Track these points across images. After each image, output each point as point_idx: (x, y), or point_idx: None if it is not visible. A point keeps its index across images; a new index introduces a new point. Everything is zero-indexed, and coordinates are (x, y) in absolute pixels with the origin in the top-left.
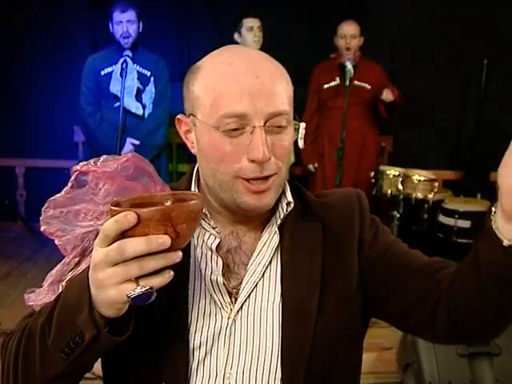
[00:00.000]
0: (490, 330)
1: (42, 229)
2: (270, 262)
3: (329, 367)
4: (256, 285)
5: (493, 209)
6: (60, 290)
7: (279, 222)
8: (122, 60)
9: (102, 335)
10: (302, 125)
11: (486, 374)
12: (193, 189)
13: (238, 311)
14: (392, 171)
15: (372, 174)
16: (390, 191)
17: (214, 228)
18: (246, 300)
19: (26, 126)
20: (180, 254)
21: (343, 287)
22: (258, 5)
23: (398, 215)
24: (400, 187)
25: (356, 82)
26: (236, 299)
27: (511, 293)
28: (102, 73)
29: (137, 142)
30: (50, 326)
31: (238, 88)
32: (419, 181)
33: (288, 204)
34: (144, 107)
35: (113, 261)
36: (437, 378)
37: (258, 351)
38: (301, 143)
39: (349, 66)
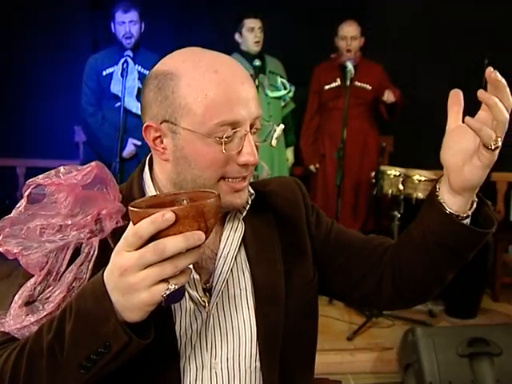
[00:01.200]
0: (429, 293)
1: (1, 249)
2: (236, 253)
3: (298, 341)
4: (227, 277)
5: (437, 185)
6: (41, 310)
7: (244, 212)
8: (122, 60)
9: (133, 341)
10: (281, 126)
11: (487, 374)
12: (153, 192)
13: (214, 305)
14: (393, 171)
15: (373, 174)
16: (390, 191)
17: None
18: (220, 293)
19: (26, 126)
20: (203, 249)
21: (303, 268)
22: (258, 5)
23: (399, 215)
24: (401, 187)
25: (357, 83)
26: (210, 293)
27: (453, 258)
28: (104, 73)
29: (139, 143)
30: (62, 343)
31: (230, 96)
32: (420, 181)
33: (250, 195)
34: None
35: (148, 262)
36: (437, 378)
37: (239, 338)
38: (274, 142)
39: (349, 66)
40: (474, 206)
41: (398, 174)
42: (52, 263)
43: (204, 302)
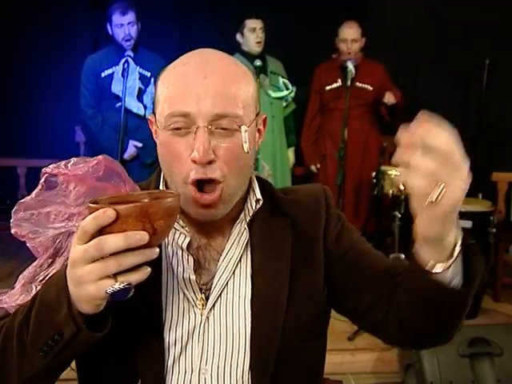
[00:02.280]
0: (433, 339)
1: (12, 231)
2: (241, 258)
3: (296, 359)
4: (227, 282)
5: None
6: (34, 291)
7: (248, 219)
8: (123, 60)
9: (81, 331)
10: (244, 128)
11: (487, 375)
12: (161, 187)
13: (210, 308)
14: (393, 171)
15: (373, 174)
16: (391, 191)
17: (183, 227)
18: (218, 297)
19: (26, 126)
20: (157, 250)
21: (311, 283)
22: (259, 5)
23: (400, 215)
24: (401, 187)
25: (358, 84)
26: (208, 296)
27: (440, 310)
28: (103, 74)
29: (139, 145)
30: (28, 326)
31: (185, 88)
32: None
33: (257, 201)
34: (145, 107)
35: (91, 257)
36: (438, 378)
37: (232, 346)
38: (246, 147)
39: (350, 66)
40: (455, 255)
41: (398, 173)
42: (56, 248)
43: (199, 304)
